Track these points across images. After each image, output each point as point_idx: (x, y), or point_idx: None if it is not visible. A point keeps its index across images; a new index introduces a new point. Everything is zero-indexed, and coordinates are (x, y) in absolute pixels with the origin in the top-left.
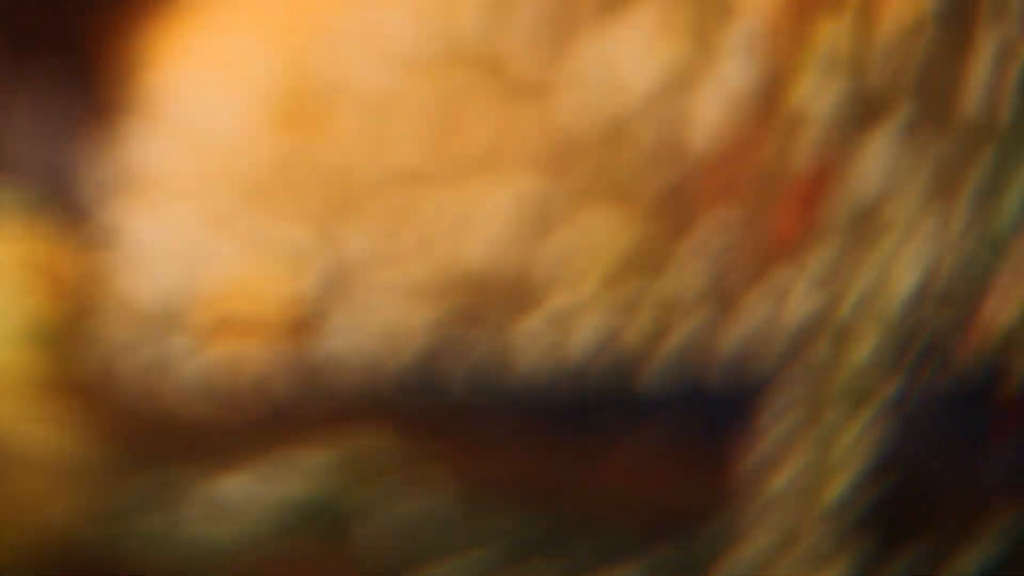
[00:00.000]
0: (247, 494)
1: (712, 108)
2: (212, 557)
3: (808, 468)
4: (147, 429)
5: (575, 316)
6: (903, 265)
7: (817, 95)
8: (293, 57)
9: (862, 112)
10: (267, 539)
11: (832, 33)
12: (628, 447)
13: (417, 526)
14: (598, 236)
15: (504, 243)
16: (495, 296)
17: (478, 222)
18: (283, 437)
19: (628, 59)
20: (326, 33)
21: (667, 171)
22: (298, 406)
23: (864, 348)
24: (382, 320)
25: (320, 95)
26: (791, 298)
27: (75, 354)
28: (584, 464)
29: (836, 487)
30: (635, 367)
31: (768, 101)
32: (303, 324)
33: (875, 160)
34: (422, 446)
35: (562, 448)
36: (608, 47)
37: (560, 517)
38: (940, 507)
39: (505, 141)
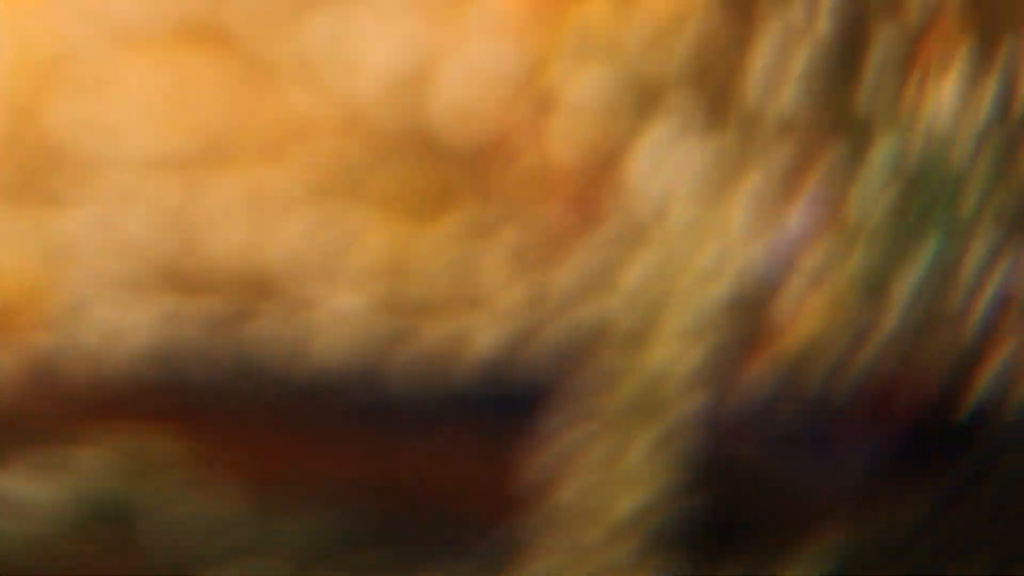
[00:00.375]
0: (26, 491)
1: (461, 94)
2: (3, 553)
3: (598, 481)
4: None
5: (316, 313)
6: (695, 269)
7: (580, 82)
8: (22, 31)
9: (633, 102)
10: (54, 537)
11: (591, 14)
12: (402, 451)
13: (203, 528)
14: (339, 232)
15: (235, 235)
16: (229, 290)
17: (206, 212)
18: (48, 434)
19: (365, 38)
20: (56, 6)
21: (412, 163)
22: (42, 403)
23: (657, 357)
24: (112, 314)
25: (45, 72)
26: (561, 301)
27: None
28: (366, 468)
29: (629, 502)
30: (383, 368)
31: (524, 88)
32: (32, 316)
33: (652, 155)
34: (207, 447)
35: (343, 452)
36: (343, 24)
37: (348, 525)
38: (764, 524)
39: (234, 126)
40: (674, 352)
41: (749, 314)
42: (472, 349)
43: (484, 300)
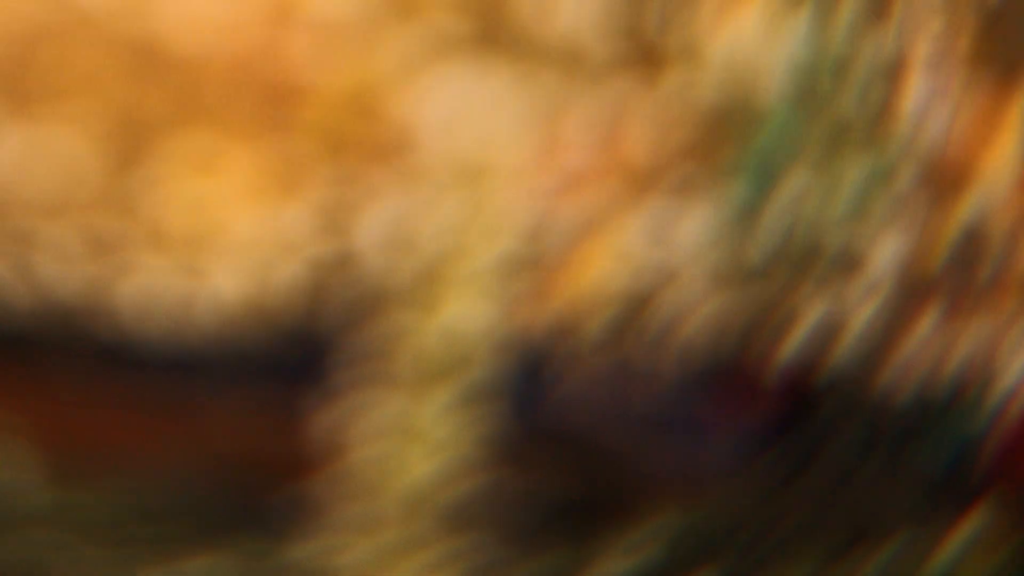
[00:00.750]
0: None
1: (191, 2)
2: None
3: (389, 447)
4: None
5: (32, 246)
6: (491, 219)
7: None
8: None
9: (387, 21)
10: None
11: None
12: (190, 415)
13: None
14: (48, 156)
15: None
16: None
17: None
18: None
19: None
20: None
21: (137, 79)
22: None
23: (443, 314)
24: None
25: None
26: (311, 242)
27: None
28: (156, 435)
29: (423, 471)
30: (110, 306)
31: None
32: None
33: (412, 81)
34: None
35: (134, 419)
36: None
37: (141, 496)
38: (580, 504)
39: None
40: (463, 308)
41: (535, 267)
42: (209, 289)
43: (214, 235)
